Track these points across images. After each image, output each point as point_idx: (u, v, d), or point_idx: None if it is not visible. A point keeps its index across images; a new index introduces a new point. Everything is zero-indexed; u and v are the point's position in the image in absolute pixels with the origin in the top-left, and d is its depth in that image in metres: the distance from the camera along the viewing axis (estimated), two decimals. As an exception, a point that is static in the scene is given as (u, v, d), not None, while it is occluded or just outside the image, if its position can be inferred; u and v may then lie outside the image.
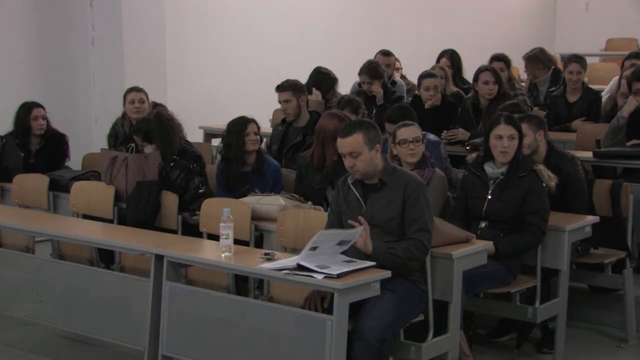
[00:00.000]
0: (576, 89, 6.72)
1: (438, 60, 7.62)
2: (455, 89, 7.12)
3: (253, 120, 5.17)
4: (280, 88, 5.93)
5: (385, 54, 7.34)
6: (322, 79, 6.79)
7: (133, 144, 5.42)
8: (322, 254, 3.67)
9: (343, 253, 3.77)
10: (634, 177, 5.33)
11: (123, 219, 5.12)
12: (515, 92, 6.62)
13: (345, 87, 7.31)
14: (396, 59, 7.74)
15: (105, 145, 6.15)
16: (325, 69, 6.91)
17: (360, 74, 6.71)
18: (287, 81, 6.00)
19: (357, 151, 3.87)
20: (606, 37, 11.26)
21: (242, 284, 4.54)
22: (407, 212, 3.86)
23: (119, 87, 7.28)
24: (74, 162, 6.26)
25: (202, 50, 8.65)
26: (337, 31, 9.78)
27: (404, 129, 4.71)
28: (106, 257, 5.02)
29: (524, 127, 4.64)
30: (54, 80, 7.79)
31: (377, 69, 6.69)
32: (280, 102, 5.95)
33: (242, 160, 5.11)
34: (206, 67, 8.67)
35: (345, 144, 3.90)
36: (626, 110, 5.66)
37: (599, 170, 5.50)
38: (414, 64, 8.05)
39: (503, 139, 4.48)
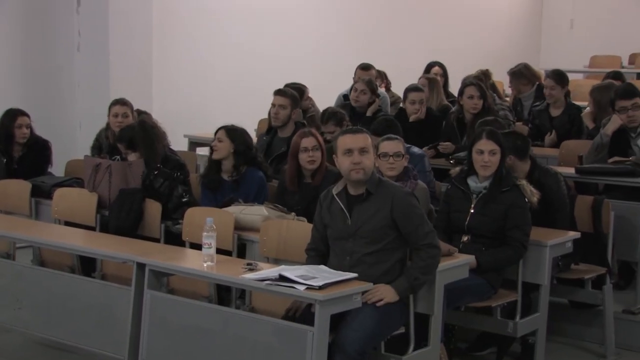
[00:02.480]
0: (556, 103, 6.76)
1: (428, 71, 7.63)
2: (444, 102, 7.13)
3: (222, 128, 5.15)
4: (280, 92, 5.92)
5: (365, 67, 7.30)
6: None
7: (118, 156, 5.39)
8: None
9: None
10: (616, 194, 5.37)
11: (105, 227, 5.09)
12: (497, 106, 6.65)
13: (330, 99, 7.32)
14: (379, 72, 7.74)
15: (89, 152, 6.12)
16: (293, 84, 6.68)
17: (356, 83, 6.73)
18: (289, 89, 6.00)
19: (367, 147, 3.92)
20: (590, 53, 11.35)
21: (224, 294, 4.53)
22: (404, 226, 3.86)
23: (104, 93, 7.28)
24: (58, 168, 6.23)
25: (188, 58, 8.64)
26: (324, 43, 9.81)
27: (387, 142, 4.75)
28: (87, 265, 5.00)
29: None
30: (39, 86, 7.76)
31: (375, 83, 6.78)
32: (273, 105, 5.92)
33: (217, 167, 5.13)
34: (192, 75, 8.66)
35: (357, 139, 3.92)
36: (610, 128, 5.69)
37: (581, 186, 5.54)
38: (398, 78, 8.07)
39: (484, 154, 4.51)
